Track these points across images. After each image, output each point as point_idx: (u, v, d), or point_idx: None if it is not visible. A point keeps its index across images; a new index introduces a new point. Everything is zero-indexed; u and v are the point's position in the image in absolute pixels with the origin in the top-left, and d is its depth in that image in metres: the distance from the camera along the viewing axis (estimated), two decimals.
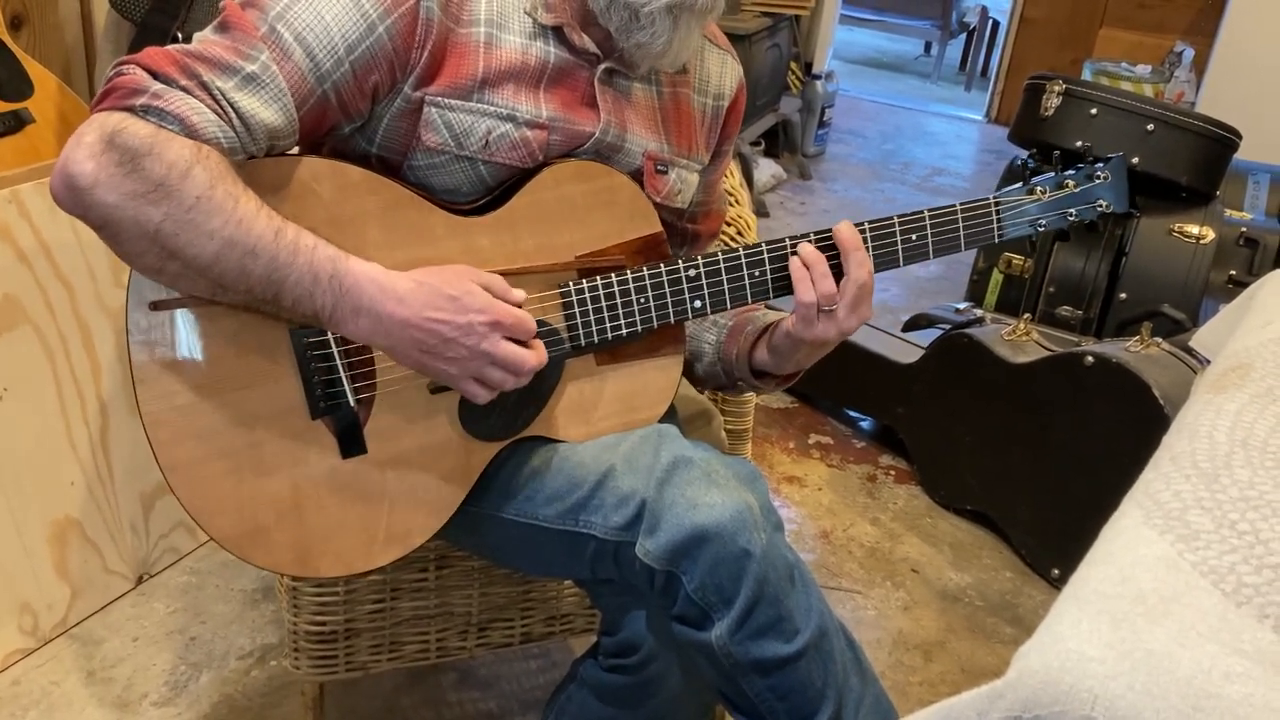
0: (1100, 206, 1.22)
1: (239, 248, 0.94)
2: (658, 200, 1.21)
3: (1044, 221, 1.21)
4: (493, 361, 1.03)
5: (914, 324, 2.64)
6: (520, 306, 1.05)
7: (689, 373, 1.34)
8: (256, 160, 1.01)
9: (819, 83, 4.48)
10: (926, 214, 1.17)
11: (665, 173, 1.21)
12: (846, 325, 1.12)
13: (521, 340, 1.04)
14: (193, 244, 0.93)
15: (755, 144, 4.16)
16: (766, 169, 4.16)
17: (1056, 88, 2.51)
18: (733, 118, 1.30)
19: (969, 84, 6.22)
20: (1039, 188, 1.20)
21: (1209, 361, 1.34)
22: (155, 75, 0.94)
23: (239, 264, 0.95)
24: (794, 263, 1.13)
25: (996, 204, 1.19)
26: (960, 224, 1.18)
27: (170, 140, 0.92)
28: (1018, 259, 2.60)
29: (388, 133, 1.10)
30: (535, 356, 1.05)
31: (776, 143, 4.41)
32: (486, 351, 1.02)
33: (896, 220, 1.16)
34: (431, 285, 1.01)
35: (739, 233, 1.53)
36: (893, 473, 2.39)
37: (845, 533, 2.15)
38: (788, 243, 1.15)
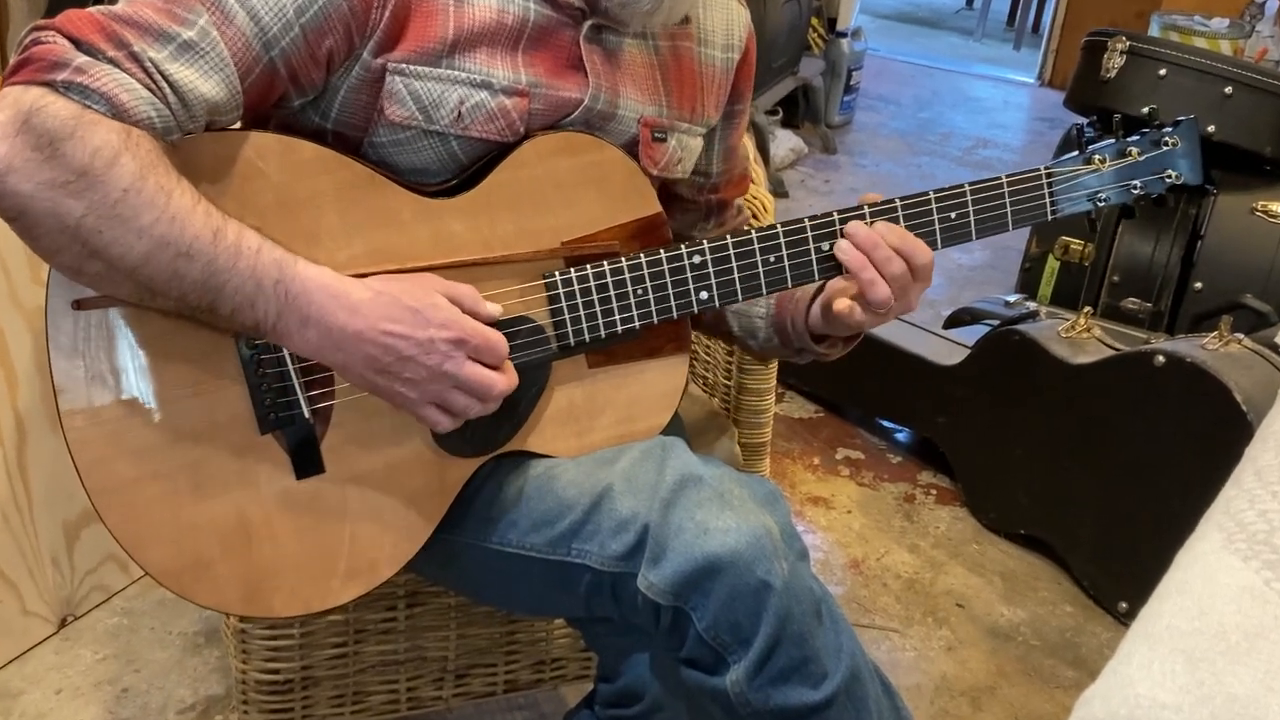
0: (1169, 178, 1.22)
1: (171, 248, 0.94)
2: (655, 172, 1.21)
3: (1104, 195, 1.21)
4: (456, 385, 1.03)
5: (957, 320, 2.64)
6: (495, 324, 1.05)
7: (746, 350, 1.37)
8: (194, 137, 1.01)
9: (844, 41, 4.48)
10: (967, 188, 1.17)
11: (663, 140, 1.22)
12: (904, 310, 1.15)
13: (492, 365, 1.05)
14: (118, 242, 0.93)
15: (772, 113, 4.16)
16: (785, 142, 4.16)
17: (1120, 45, 2.51)
18: (745, 70, 1.31)
19: (1018, 42, 6.23)
20: (1097, 156, 1.21)
21: None
22: (79, 45, 0.94)
23: (171, 266, 0.95)
24: (846, 251, 1.14)
25: (1048, 176, 1.19)
26: (1007, 199, 1.18)
27: (95, 123, 0.92)
28: (1076, 244, 2.60)
29: (345, 106, 1.10)
30: (505, 380, 1.05)
31: (796, 111, 4.41)
32: (448, 373, 1.02)
33: (933, 196, 1.16)
34: (390, 295, 1.01)
35: (754, 215, 1.53)
36: (933, 492, 2.39)
37: (879, 562, 2.15)
38: (807, 224, 1.15)
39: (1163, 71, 2.45)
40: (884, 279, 1.12)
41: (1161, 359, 1.96)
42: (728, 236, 1.15)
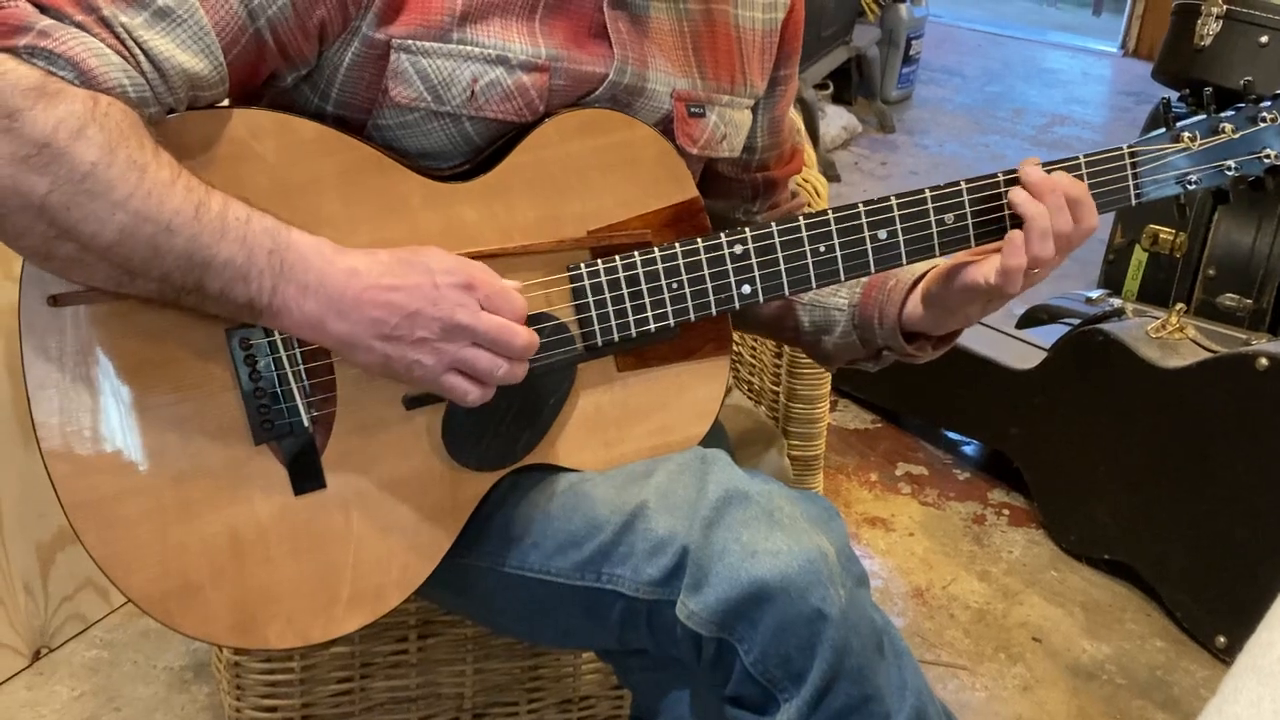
0: (1267, 158, 1.22)
1: (149, 224, 0.95)
2: (695, 151, 1.21)
3: (1195, 178, 1.21)
4: (474, 340, 1.02)
5: (1033, 318, 2.63)
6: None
7: (813, 352, 1.36)
8: (182, 115, 1.02)
9: (903, 7, 4.47)
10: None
11: (701, 115, 1.22)
12: (1029, 283, 1.17)
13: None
14: (90, 218, 0.94)
15: (822, 87, 4.16)
16: (836, 119, 4.16)
17: (1215, 9, 2.49)
18: (791, 30, 1.30)
19: (1098, 6, 6.20)
20: (1186, 134, 1.21)
21: None
22: (43, 9, 0.95)
23: (150, 243, 0.96)
24: (1019, 196, 1.14)
25: (1132, 156, 1.19)
26: (1086, 182, 1.17)
27: (60, 92, 0.93)
28: (1166, 233, 2.58)
29: (345, 86, 1.11)
30: (527, 333, 1.04)
31: (849, 85, 4.41)
32: (462, 324, 1.01)
33: (1002, 178, 1.16)
34: (388, 253, 1.02)
35: (806, 202, 1.53)
36: (1006, 512, 2.38)
37: (945, 590, 2.15)
38: (861, 209, 1.15)
39: (1264, 39, 2.43)
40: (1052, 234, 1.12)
41: (1264, 362, 1.95)
42: (773, 224, 1.15)
